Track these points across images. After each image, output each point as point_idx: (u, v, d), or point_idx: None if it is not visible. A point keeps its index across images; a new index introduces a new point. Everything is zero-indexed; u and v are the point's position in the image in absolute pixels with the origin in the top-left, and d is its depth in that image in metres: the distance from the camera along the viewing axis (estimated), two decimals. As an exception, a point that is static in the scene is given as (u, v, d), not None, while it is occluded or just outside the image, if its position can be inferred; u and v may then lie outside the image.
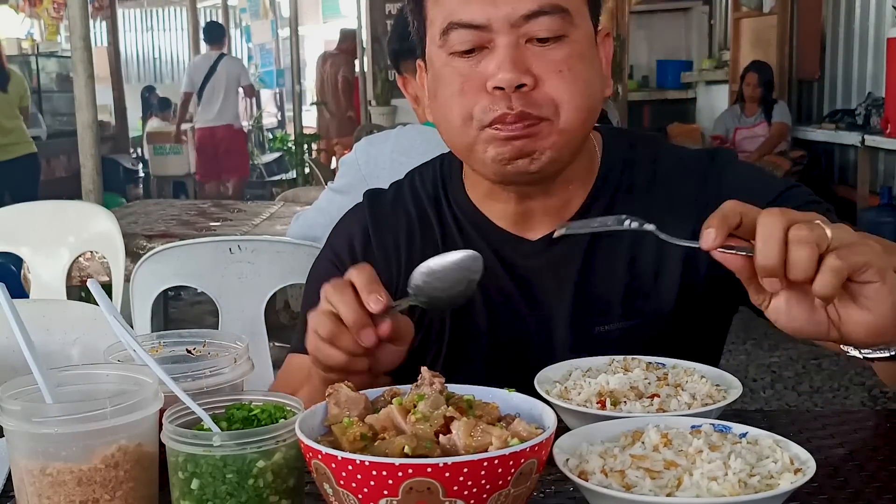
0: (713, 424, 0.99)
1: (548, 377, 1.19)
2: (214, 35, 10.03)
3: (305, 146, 10.57)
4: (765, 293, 0.98)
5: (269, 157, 12.48)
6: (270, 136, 13.88)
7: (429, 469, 0.79)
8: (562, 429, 0.98)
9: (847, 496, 1.00)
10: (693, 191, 1.32)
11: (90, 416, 0.89)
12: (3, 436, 0.92)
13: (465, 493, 0.81)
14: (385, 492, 0.80)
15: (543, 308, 1.34)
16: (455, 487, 0.80)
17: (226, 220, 3.83)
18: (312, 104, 12.02)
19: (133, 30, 19.91)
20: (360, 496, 0.82)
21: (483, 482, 0.81)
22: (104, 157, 5.22)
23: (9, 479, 0.98)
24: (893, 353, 0.97)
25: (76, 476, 0.89)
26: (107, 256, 2.96)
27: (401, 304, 1.10)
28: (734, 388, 1.15)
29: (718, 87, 9.75)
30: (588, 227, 1.09)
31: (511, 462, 0.82)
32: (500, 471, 0.81)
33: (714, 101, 9.72)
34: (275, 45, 16.37)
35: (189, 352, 1.10)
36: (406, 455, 0.83)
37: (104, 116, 10.02)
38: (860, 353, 0.98)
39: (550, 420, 0.90)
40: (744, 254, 0.93)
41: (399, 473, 0.79)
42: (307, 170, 10.21)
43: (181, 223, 3.72)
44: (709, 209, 0.99)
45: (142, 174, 11.32)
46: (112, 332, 1.00)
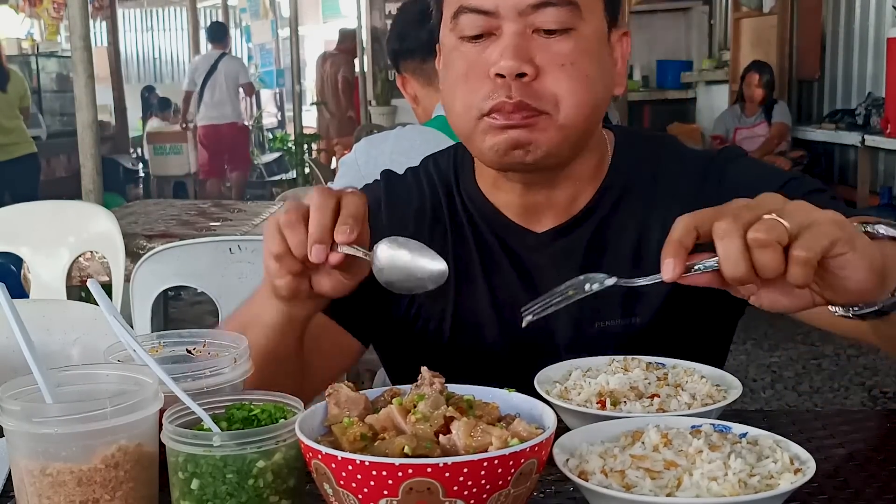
0: (713, 424, 0.99)
1: (548, 377, 1.19)
2: (217, 34, 10.19)
3: (305, 146, 10.58)
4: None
5: (269, 157, 12.48)
6: (270, 136, 13.88)
7: (429, 469, 0.79)
8: (562, 429, 0.98)
9: (847, 496, 1.00)
10: (693, 189, 1.32)
11: (90, 416, 0.89)
12: (3, 436, 0.93)
13: (465, 494, 0.81)
14: (385, 492, 0.80)
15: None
16: (455, 487, 0.80)
17: (226, 220, 3.83)
18: (312, 104, 12.01)
19: (133, 30, 19.90)
20: (360, 496, 0.82)
21: (483, 482, 0.81)
22: (104, 157, 5.22)
23: (9, 479, 0.98)
24: (880, 307, 0.97)
25: (76, 476, 0.89)
26: (107, 256, 2.95)
27: (359, 252, 1.08)
28: (734, 388, 1.15)
29: (718, 87, 9.73)
30: (552, 306, 1.04)
31: (511, 462, 0.82)
32: (500, 471, 0.81)
33: (714, 101, 9.70)
34: (275, 45, 16.37)
35: (189, 352, 1.10)
36: (406, 455, 0.83)
37: (104, 116, 10.01)
38: (850, 313, 0.98)
39: (550, 420, 0.90)
40: (710, 269, 0.93)
41: (399, 473, 0.79)
42: (307, 170, 10.22)
43: (181, 223, 3.71)
44: (710, 206, 0.98)
45: (142, 174, 11.31)
46: (112, 332, 1.00)
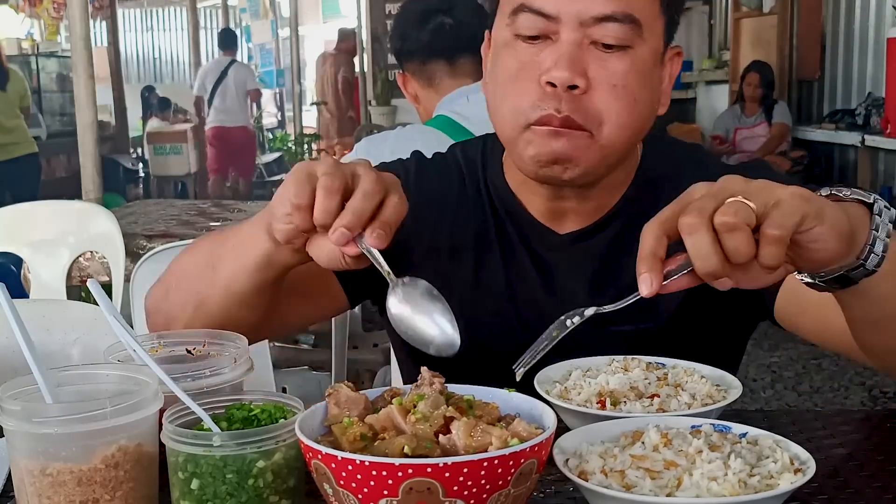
0: (713, 424, 0.99)
1: (548, 377, 1.19)
2: (227, 41, 10.60)
3: (305, 146, 10.58)
4: None
5: (269, 157, 12.47)
6: (270, 136, 13.88)
7: (429, 469, 0.79)
8: (562, 429, 0.98)
9: (847, 496, 1.00)
10: None
11: (90, 416, 0.89)
12: (3, 436, 0.93)
13: (465, 494, 0.81)
14: (385, 492, 0.80)
15: (561, 301, 1.34)
16: (455, 487, 0.80)
17: (226, 221, 3.82)
18: (312, 104, 12.02)
19: (133, 30, 19.90)
20: (360, 496, 0.82)
21: (483, 482, 0.81)
22: (104, 157, 5.23)
23: (9, 479, 0.98)
24: (846, 272, 0.96)
25: (76, 476, 0.89)
26: (107, 256, 2.95)
27: (382, 267, 1.04)
28: (734, 388, 1.15)
29: (718, 87, 9.73)
30: (541, 351, 1.02)
31: (511, 462, 0.82)
32: (500, 471, 0.81)
33: (714, 101, 9.70)
34: (275, 45, 16.38)
35: (189, 352, 1.10)
36: (406, 455, 0.83)
37: (104, 116, 10.00)
38: (816, 279, 0.99)
39: (550, 420, 0.90)
40: (685, 272, 0.92)
41: (399, 473, 0.79)
42: (307, 170, 10.19)
43: (181, 223, 3.71)
44: None
45: (142, 174, 11.31)
46: (112, 332, 1.00)
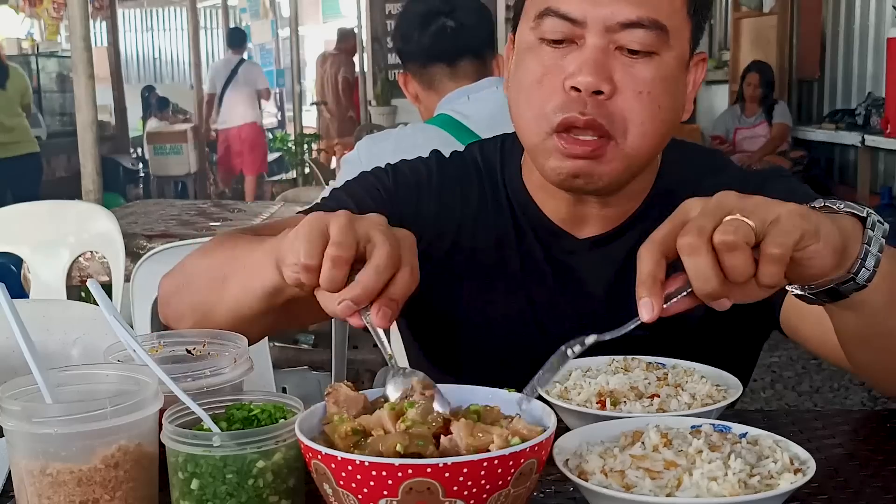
0: (713, 424, 0.99)
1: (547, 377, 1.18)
2: (236, 40, 10.58)
3: (305, 146, 10.58)
4: None
5: (270, 157, 12.47)
6: (270, 136, 13.87)
7: (429, 469, 0.79)
8: (562, 429, 0.98)
9: (847, 496, 1.00)
10: None
11: (90, 416, 0.89)
12: (3, 436, 0.93)
13: (465, 494, 0.80)
14: (385, 492, 0.80)
15: (579, 305, 1.34)
16: (455, 487, 0.80)
17: (226, 220, 3.82)
18: (312, 104, 12.01)
19: (133, 30, 19.89)
20: (360, 496, 0.82)
21: (483, 482, 0.81)
22: (104, 157, 5.23)
23: (9, 479, 0.98)
24: (835, 286, 0.96)
25: (76, 476, 0.89)
26: (107, 256, 2.95)
27: (384, 349, 0.98)
28: (734, 388, 1.15)
29: (718, 87, 9.74)
30: (545, 382, 0.98)
31: (511, 462, 0.82)
32: (500, 471, 0.81)
33: (714, 101, 9.71)
34: (275, 45, 16.35)
35: (189, 352, 1.10)
36: (399, 454, 0.83)
37: (104, 116, 10.00)
38: (806, 291, 0.98)
39: (550, 420, 0.90)
40: (685, 293, 0.91)
41: (399, 474, 0.79)
42: (307, 170, 10.22)
43: (181, 223, 3.71)
44: None
45: (142, 174, 11.31)
46: (112, 332, 1.00)
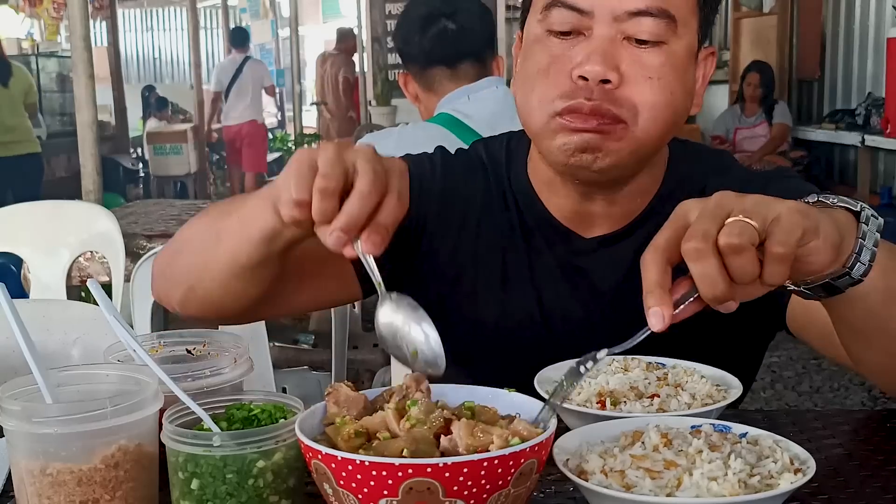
0: (713, 424, 0.99)
1: (548, 377, 1.18)
2: (239, 39, 10.80)
3: (305, 146, 10.58)
4: None
5: (270, 157, 12.47)
6: (270, 136, 13.87)
7: (429, 469, 0.79)
8: (562, 429, 0.98)
9: (847, 496, 1.00)
10: None
11: (90, 416, 0.89)
12: (3, 436, 0.93)
13: (465, 493, 0.81)
14: (385, 492, 0.80)
15: (587, 305, 1.34)
16: (455, 487, 0.80)
17: (226, 220, 3.82)
18: (312, 104, 12.02)
19: (133, 30, 19.90)
20: (360, 496, 0.82)
21: (483, 482, 0.81)
22: (104, 157, 5.23)
23: (9, 479, 0.98)
24: (831, 280, 0.96)
25: (76, 476, 0.89)
26: (107, 256, 2.95)
27: (374, 276, 0.96)
28: (734, 388, 1.15)
29: (718, 87, 9.73)
30: (563, 394, 0.96)
31: (511, 462, 0.82)
32: (500, 471, 0.81)
33: (714, 101, 9.70)
34: (275, 45, 16.36)
35: (189, 352, 1.10)
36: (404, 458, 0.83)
37: (104, 116, 10.00)
38: (801, 287, 0.98)
39: (550, 420, 0.90)
40: (692, 299, 0.90)
41: (399, 473, 0.79)
42: (307, 170, 10.20)
43: (181, 223, 3.67)
44: None
45: (142, 174, 11.31)
46: (112, 332, 1.00)
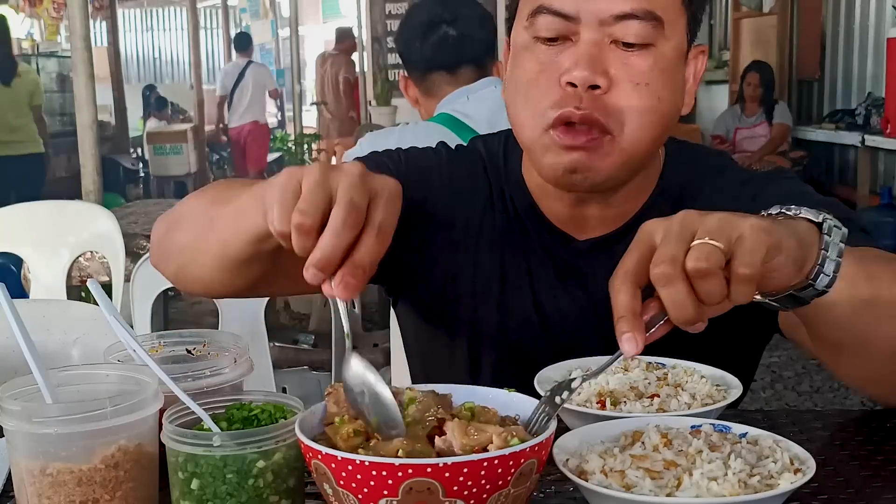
0: (713, 424, 0.99)
1: (548, 377, 1.18)
2: (242, 44, 11.22)
3: (305, 146, 10.59)
4: None
5: (270, 158, 12.48)
6: (270, 136, 13.88)
7: (429, 469, 0.79)
8: (562, 429, 0.98)
9: (847, 496, 1.00)
10: (728, 207, 1.29)
11: (90, 416, 0.89)
12: (3, 436, 0.93)
13: (465, 494, 0.80)
14: (385, 492, 0.80)
15: (583, 307, 1.34)
16: (455, 487, 0.80)
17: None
18: (312, 104, 12.03)
19: (133, 30, 19.90)
20: (360, 496, 0.82)
21: (483, 482, 0.81)
22: (104, 157, 5.22)
23: (9, 479, 0.98)
24: (794, 293, 0.96)
25: (76, 476, 0.89)
26: (107, 256, 2.95)
27: (344, 322, 0.92)
28: (734, 388, 1.15)
29: (718, 87, 9.74)
30: (538, 426, 0.93)
31: (511, 462, 0.82)
32: (500, 471, 0.81)
33: (714, 101, 9.71)
34: (275, 45, 16.37)
35: (189, 352, 1.10)
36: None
37: (104, 116, 10.00)
38: (767, 299, 0.98)
39: (550, 420, 0.90)
40: (662, 322, 0.89)
41: (399, 473, 0.79)
42: (307, 170, 10.20)
43: (181, 223, 3.71)
44: None
45: (142, 174, 11.31)
46: (112, 332, 1.00)
